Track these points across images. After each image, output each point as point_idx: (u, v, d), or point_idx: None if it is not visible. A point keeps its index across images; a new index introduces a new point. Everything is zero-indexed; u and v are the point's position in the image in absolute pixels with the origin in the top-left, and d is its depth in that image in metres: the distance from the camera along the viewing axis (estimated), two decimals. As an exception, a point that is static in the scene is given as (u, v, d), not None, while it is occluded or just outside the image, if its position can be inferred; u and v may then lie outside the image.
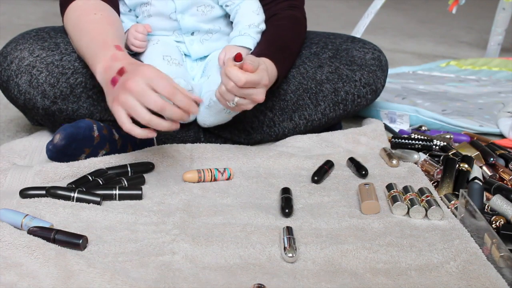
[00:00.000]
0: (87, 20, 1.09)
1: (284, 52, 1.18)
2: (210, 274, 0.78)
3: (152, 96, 0.91)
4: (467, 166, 1.08)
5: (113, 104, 0.93)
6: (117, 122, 0.93)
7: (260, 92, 1.04)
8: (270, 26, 1.22)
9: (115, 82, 0.95)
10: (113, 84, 0.95)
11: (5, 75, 1.13)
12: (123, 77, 0.94)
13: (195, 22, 1.20)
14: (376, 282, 0.78)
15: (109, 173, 1.04)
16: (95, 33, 1.06)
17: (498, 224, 0.91)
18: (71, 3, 1.13)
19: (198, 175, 1.05)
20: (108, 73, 0.97)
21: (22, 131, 1.37)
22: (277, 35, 1.21)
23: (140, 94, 0.91)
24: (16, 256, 0.78)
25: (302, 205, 0.99)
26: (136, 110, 0.91)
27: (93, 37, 1.05)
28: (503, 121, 1.45)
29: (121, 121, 0.93)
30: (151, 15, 1.20)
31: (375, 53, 1.30)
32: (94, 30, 1.07)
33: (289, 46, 1.21)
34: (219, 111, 1.16)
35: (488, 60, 2.24)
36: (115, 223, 0.90)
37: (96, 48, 1.03)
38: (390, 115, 1.48)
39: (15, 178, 1.02)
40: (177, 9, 1.18)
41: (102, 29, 1.07)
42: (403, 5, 4.03)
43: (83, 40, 1.06)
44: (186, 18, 1.20)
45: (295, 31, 1.25)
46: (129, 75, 0.93)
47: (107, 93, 0.97)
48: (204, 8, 1.20)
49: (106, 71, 0.98)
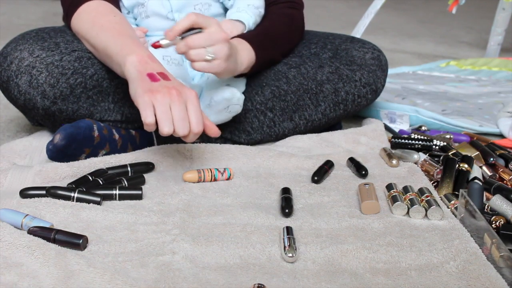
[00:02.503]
0: (108, 20, 1.11)
1: (266, 39, 1.21)
2: (210, 274, 0.78)
3: (185, 124, 0.94)
4: (467, 166, 1.08)
5: (146, 94, 0.94)
6: (140, 110, 0.94)
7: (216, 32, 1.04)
8: (262, 19, 1.24)
9: (153, 77, 0.97)
10: (150, 77, 0.97)
11: (5, 75, 1.13)
12: (168, 82, 0.97)
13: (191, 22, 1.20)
14: (376, 282, 0.78)
15: (109, 173, 1.04)
16: (121, 29, 1.08)
17: (498, 224, 0.91)
18: (83, 4, 1.14)
19: (198, 175, 1.05)
20: (144, 66, 0.99)
21: (22, 131, 1.37)
22: (263, 24, 1.24)
23: (177, 111, 0.94)
24: (16, 256, 0.78)
25: (302, 205, 0.99)
26: (164, 117, 0.93)
27: (120, 33, 1.07)
28: (503, 121, 1.45)
29: (146, 113, 0.93)
30: (148, 16, 1.20)
31: (375, 52, 1.31)
32: (119, 28, 1.09)
33: (274, 36, 1.23)
34: (220, 111, 1.16)
35: (488, 60, 2.24)
36: (115, 223, 0.90)
37: (125, 42, 1.04)
38: (390, 115, 1.49)
39: (15, 178, 1.02)
40: (173, 8, 1.19)
41: (127, 29, 1.09)
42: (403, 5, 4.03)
43: (107, 34, 1.08)
44: (183, 16, 1.20)
45: (286, 24, 1.27)
46: (179, 87, 0.96)
47: (138, 82, 0.97)
48: (201, 6, 1.20)
49: (141, 63, 0.99)
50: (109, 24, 1.10)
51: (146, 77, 0.97)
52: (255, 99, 1.24)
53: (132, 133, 1.20)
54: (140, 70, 0.98)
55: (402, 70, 2.14)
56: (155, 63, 1.01)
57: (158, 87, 0.95)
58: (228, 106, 1.15)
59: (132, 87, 0.98)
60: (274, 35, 1.24)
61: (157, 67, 1.00)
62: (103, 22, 1.10)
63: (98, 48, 1.10)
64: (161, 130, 0.93)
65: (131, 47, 1.02)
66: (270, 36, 1.23)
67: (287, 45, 1.30)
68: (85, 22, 1.13)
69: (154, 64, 1.00)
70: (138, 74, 0.98)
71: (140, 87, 0.96)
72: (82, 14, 1.14)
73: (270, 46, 1.22)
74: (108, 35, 1.08)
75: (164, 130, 0.93)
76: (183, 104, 0.95)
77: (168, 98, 0.93)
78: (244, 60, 1.16)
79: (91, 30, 1.11)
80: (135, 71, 0.98)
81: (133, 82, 0.98)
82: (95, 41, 1.10)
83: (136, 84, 0.97)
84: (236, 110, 1.17)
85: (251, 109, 1.24)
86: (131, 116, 1.19)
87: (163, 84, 0.96)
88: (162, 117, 0.93)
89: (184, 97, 0.95)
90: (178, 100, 0.94)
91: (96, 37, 1.10)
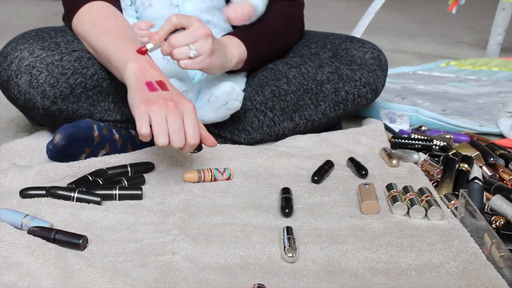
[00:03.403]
0: (110, 22, 1.11)
1: (259, 35, 1.22)
2: (210, 274, 0.78)
3: (181, 136, 0.94)
4: (467, 166, 1.08)
5: (142, 104, 0.94)
6: (136, 120, 0.94)
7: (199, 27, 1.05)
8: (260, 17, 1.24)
9: (151, 86, 0.97)
10: (149, 87, 0.97)
11: (5, 75, 1.13)
12: (166, 93, 0.96)
13: (195, 10, 1.21)
14: (376, 282, 0.78)
15: (109, 173, 1.04)
16: (122, 34, 1.08)
17: (498, 224, 0.91)
18: (84, 4, 1.14)
19: (198, 175, 1.05)
20: (144, 74, 0.99)
21: (22, 131, 1.37)
22: (259, 21, 1.25)
23: (173, 123, 0.93)
24: (16, 256, 0.78)
25: (302, 205, 0.99)
26: (159, 128, 0.93)
27: (121, 36, 1.07)
28: (503, 121, 1.45)
29: (141, 123, 0.93)
30: (151, 5, 1.21)
31: (375, 52, 1.31)
32: (120, 31, 1.09)
33: (268, 32, 1.24)
34: (219, 107, 1.16)
35: (488, 60, 2.24)
36: (115, 223, 0.90)
37: (126, 47, 1.04)
38: (390, 115, 1.49)
39: (15, 178, 1.02)
40: None
41: (128, 33, 1.09)
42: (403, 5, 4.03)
43: (108, 37, 1.08)
44: (187, 5, 1.20)
45: (283, 21, 1.28)
46: (176, 98, 0.96)
47: (136, 91, 0.97)
48: None
49: (141, 70, 0.99)
50: (111, 26, 1.10)
51: (145, 86, 0.97)
52: (255, 99, 1.24)
53: (132, 133, 1.20)
54: (140, 77, 0.98)
55: (402, 70, 2.14)
56: (155, 70, 1.01)
57: (155, 98, 0.95)
58: (227, 102, 1.15)
59: (130, 96, 0.98)
60: (269, 31, 1.24)
61: (157, 75, 1.00)
62: (104, 24, 1.10)
63: (98, 51, 1.10)
64: (156, 141, 0.94)
65: (132, 53, 1.02)
66: (264, 33, 1.24)
67: (283, 42, 1.30)
68: (86, 24, 1.13)
69: (154, 71, 1.00)
70: (137, 82, 0.98)
71: (138, 97, 0.96)
72: (83, 15, 1.14)
73: (264, 42, 1.23)
74: (108, 39, 1.08)
75: (159, 141, 0.93)
76: (180, 116, 0.95)
77: (164, 109, 0.94)
78: (234, 55, 1.16)
79: (92, 32, 1.11)
80: (134, 79, 0.99)
81: (132, 91, 0.98)
82: (95, 43, 1.10)
83: (134, 93, 0.97)
84: (235, 106, 1.17)
85: (251, 108, 1.24)
86: (131, 116, 1.19)
87: (161, 95, 0.96)
88: (157, 128, 0.93)
89: (181, 109, 0.95)
90: (174, 111, 0.94)
91: (96, 40, 1.10)
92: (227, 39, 1.18)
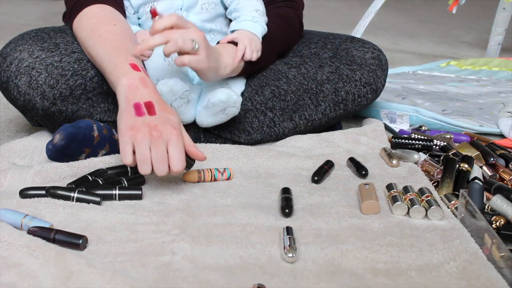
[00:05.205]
0: (107, 30, 1.10)
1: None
2: (210, 274, 0.78)
3: (164, 165, 0.94)
4: (467, 166, 1.08)
5: (127, 133, 0.94)
6: (120, 148, 0.95)
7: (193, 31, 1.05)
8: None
9: (139, 110, 0.96)
10: (136, 110, 0.96)
11: (4, 76, 1.13)
12: (152, 118, 0.95)
13: (198, 21, 1.21)
14: (376, 282, 0.78)
15: (109, 173, 1.04)
16: (117, 44, 1.07)
17: (498, 224, 0.91)
18: (85, 8, 1.13)
19: (198, 175, 1.05)
20: (134, 93, 0.98)
21: (22, 131, 1.37)
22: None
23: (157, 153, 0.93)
24: (16, 256, 0.78)
25: (302, 205, 0.99)
26: (142, 158, 0.93)
27: (116, 48, 1.06)
28: (503, 121, 1.45)
29: (125, 154, 0.94)
30: None
31: (375, 52, 1.30)
32: (116, 41, 1.08)
33: (266, 39, 1.23)
34: (216, 113, 1.16)
35: (488, 60, 2.24)
36: (115, 223, 0.90)
37: (120, 60, 1.03)
38: (390, 115, 1.48)
39: (15, 178, 1.02)
40: (184, 6, 1.19)
41: (124, 43, 1.08)
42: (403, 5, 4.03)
43: (104, 48, 1.07)
44: (191, 16, 1.20)
45: (280, 26, 1.28)
46: (161, 125, 0.95)
47: (123, 114, 0.97)
48: (208, 5, 1.21)
49: (131, 88, 0.98)
50: (108, 34, 1.09)
51: (132, 109, 0.96)
52: (255, 99, 1.24)
53: (132, 133, 1.20)
54: (129, 98, 0.97)
55: (402, 70, 2.14)
56: (146, 88, 0.99)
57: (140, 125, 0.94)
58: (225, 108, 1.15)
59: (118, 117, 0.98)
60: (266, 37, 1.24)
61: (147, 94, 0.98)
62: (102, 31, 1.09)
63: (94, 60, 1.11)
64: (139, 170, 0.94)
65: (125, 68, 1.01)
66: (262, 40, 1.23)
67: (281, 46, 1.30)
68: (85, 29, 1.12)
69: (145, 90, 0.99)
70: (125, 103, 0.97)
71: (123, 122, 0.95)
72: (83, 19, 1.13)
73: (262, 49, 1.22)
74: (104, 50, 1.07)
75: (142, 171, 0.94)
76: (164, 145, 0.94)
77: (148, 138, 0.93)
78: (228, 63, 1.15)
79: (89, 40, 1.10)
80: (123, 99, 0.98)
81: (120, 112, 0.98)
82: (91, 51, 1.10)
83: (121, 116, 0.97)
84: (233, 112, 1.17)
85: (251, 109, 1.24)
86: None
87: (146, 122, 0.95)
88: (140, 158, 0.93)
89: (166, 137, 0.95)
90: (158, 141, 0.94)
91: (93, 48, 1.09)
92: (222, 47, 1.17)
